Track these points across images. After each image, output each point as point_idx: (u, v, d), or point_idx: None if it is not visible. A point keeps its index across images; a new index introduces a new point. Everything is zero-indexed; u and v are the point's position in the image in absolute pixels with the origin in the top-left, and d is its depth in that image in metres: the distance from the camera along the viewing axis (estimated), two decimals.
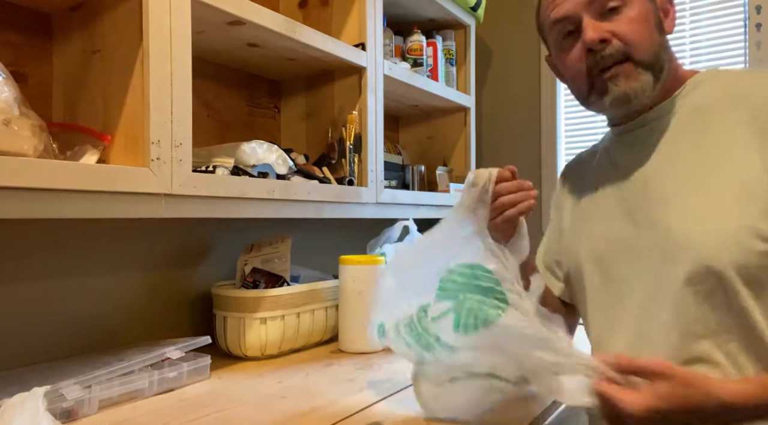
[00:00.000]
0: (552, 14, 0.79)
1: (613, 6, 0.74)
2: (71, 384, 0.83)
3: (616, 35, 0.74)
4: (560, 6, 0.78)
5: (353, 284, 1.24)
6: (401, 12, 1.71)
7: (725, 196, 0.69)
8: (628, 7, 0.75)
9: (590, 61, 0.76)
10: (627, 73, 0.75)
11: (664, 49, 0.78)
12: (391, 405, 0.89)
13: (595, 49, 0.74)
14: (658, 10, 0.78)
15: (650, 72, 0.75)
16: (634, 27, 0.74)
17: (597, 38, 0.73)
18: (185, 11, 0.90)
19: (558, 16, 0.78)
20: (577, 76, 0.79)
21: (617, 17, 0.74)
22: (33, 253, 1.01)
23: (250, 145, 1.09)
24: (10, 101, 0.74)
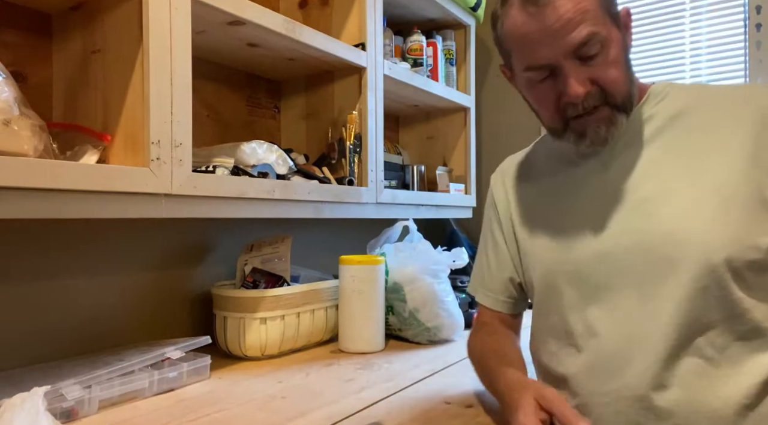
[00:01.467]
0: (529, 60, 0.74)
1: (593, 53, 0.71)
2: (71, 384, 0.83)
3: (596, 82, 0.72)
4: (539, 54, 0.72)
5: (353, 284, 1.24)
6: (401, 12, 1.71)
7: (709, 193, 0.71)
8: (606, 51, 0.72)
9: (567, 109, 0.74)
10: (605, 118, 0.74)
11: (633, 81, 0.77)
12: (391, 405, 0.89)
13: (576, 102, 0.73)
14: (626, 37, 0.76)
15: (623, 112, 0.75)
16: (612, 72, 0.72)
17: (581, 94, 0.71)
18: (185, 11, 0.90)
19: (536, 65, 0.73)
20: (551, 117, 0.78)
21: (596, 62, 0.72)
22: (33, 253, 1.01)
23: (250, 145, 1.09)
24: (10, 101, 0.74)
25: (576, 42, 0.69)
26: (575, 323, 0.80)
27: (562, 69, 0.72)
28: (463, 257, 1.41)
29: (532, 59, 0.73)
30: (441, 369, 1.10)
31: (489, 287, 0.96)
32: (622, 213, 0.77)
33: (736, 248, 0.69)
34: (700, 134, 0.75)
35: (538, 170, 0.92)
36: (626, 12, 0.77)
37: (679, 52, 1.78)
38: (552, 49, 0.71)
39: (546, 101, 0.77)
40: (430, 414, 0.85)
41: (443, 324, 1.30)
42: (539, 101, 0.79)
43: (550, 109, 0.77)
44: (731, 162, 0.72)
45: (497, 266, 0.95)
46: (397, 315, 1.33)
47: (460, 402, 0.91)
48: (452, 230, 2.04)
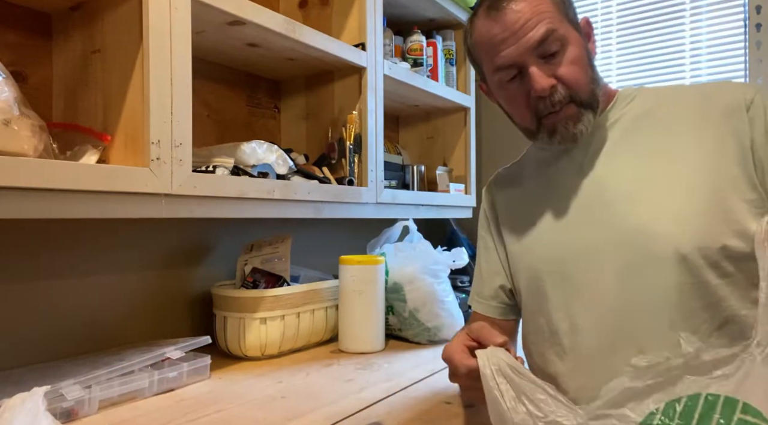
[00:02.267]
0: (496, 61, 0.79)
1: (554, 51, 0.77)
2: (71, 384, 0.83)
3: (560, 80, 0.77)
4: (504, 53, 0.78)
5: (353, 284, 1.24)
6: (401, 12, 1.71)
7: (677, 187, 0.75)
8: (566, 50, 0.77)
9: (538, 105, 0.79)
10: (572, 115, 0.78)
11: (596, 82, 0.81)
12: (391, 405, 0.89)
13: (544, 96, 0.77)
14: (586, 42, 0.81)
15: (590, 110, 0.80)
16: (573, 70, 0.77)
17: (547, 87, 0.76)
18: (185, 11, 0.90)
19: (503, 64, 0.78)
20: (523, 116, 0.83)
21: (557, 60, 0.77)
22: (33, 253, 1.01)
23: (250, 145, 1.09)
24: (10, 101, 0.74)
25: (536, 39, 0.75)
26: (560, 321, 0.81)
27: (527, 67, 0.77)
28: (463, 257, 1.41)
29: (498, 60, 0.79)
30: (441, 369, 1.10)
31: (481, 294, 0.97)
32: (597, 212, 0.80)
33: (707, 238, 0.71)
34: (666, 131, 0.79)
35: (524, 176, 0.95)
36: (586, 21, 0.83)
37: (679, 52, 1.78)
38: (515, 47, 0.77)
39: (517, 100, 0.81)
40: (430, 414, 0.85)
41: (443, 324, 1.30)
42: (510, 102, 0.83)
43: (522, 107, 0.81)
44: (697, 156, 0.75)
45: (488, 272, 0.97)
46: (397, 315, 1.33)
47: (460, 402, 0.91)
48: (452, 230, 2.04)
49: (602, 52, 1.93)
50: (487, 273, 0.97)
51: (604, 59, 1.92)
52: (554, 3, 0.78)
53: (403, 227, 1.48)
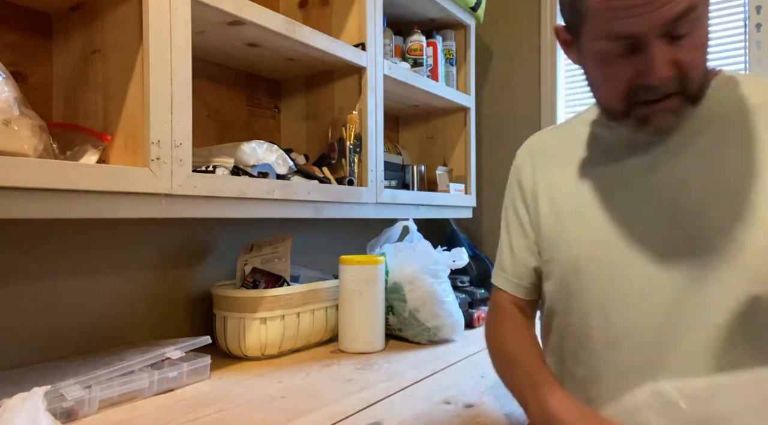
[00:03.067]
0: (614, 28, 0.64)
1: (685, 32, 0.64)
2: (71, 384, 0.83)
3: (680, 67, 0.65)
4: (627, 21, 0.62)
5: (353, 284, 1.24)
6: (401, 12, 1.71)
7: (764, 206, 0.65)
8: (696, 31, 0.65)
9: (640, 91, 0.66)
10: (675, 107, 0.67)
11: (707, 68, 0.70)
12: (391, 405, 0.89)
13: (656, 85, 0.65)
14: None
15: (693, 104, 0.68)
16: (697, 58, 0.66)
17: (667, 77, 0.64)
18: (185, 11, 0.90)
19: (621, 33, 0.63)
20: (615, 96, 0.69)
21: (684, 43, 0.64)
22: (33, 253, 1.01)
23: (250, 145, 1.09)
24: (10, 101, 0.74)
25: (673, 15, 0.61)
26: (595, 327, 0.74)
27: (648, 46, 0.63)
28: (463, 257, 1.41)
29: (617, 28, 0.63)
30: (441, 369, 1.10)
31: (510, 271, 0.88)
32: (666, 221, 0.70)
33: None
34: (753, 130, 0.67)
35: (575, 156, 0.83)
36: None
37: None
38: (644, 19, 0.61)
39: (617, 79, 0.67)
40: (430, 414, 0.85)
41: (443, 324, 1.30)
42: (608, 77, 0.69)
43: (619, 88, 0.67)
44: None
45: (520, 248, 0.87)
46: (398, 315, 1.33)
47: (460, 402, 0.91)
48: (452, 230, 2.04)
49: None
50: (519, 249, 0.87)
51: None
52: None
53: (403, 228, 1.48)
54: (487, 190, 2.16)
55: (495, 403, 0.90)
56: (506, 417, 0.85)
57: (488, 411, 0.87)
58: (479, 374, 1.07)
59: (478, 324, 1.50)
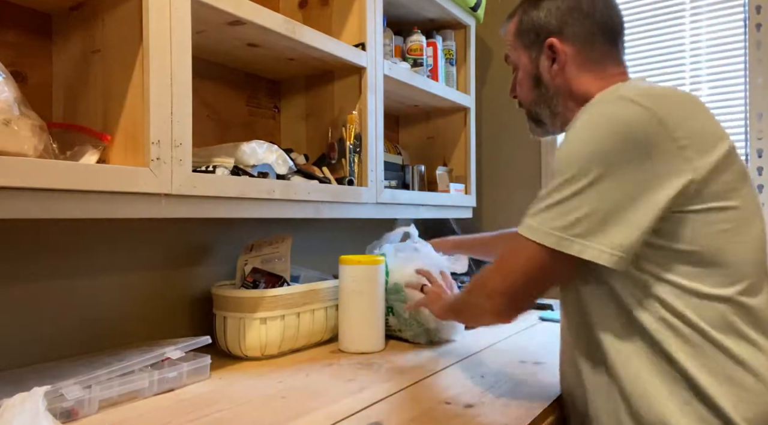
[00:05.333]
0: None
1: (513, 70, 0.99)
2: (71, 384, 0.83)
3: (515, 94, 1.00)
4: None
5: (353, 284, 1.24)
6: (401, 12, 1.71)
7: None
8: (517, 72, 0.97)
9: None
10: (526, 116, 1.00)
11: (539, 103, 0.94)
12: (391, 405, 0.89)
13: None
14: (537, 66, 0.93)
15: (530, 120, 0.99)
16: (519, 90, 0.98)
17: (510, 94, 1.02)
18: (185, 11, 0.90)
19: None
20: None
21: (515, 78, 0.99)
22: (32, 253, 1.01)
23: (250, 145, 1.09)
24: (10, 101, 0.74)
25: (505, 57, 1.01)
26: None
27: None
28: (463, 263, 1.41)
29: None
30: (441, 369, 1.10)
31: (622, 246, 0.74)
32: None
33: None
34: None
35: None
36: (548, 45, 0.90)
37: (679, 52, 1.78)
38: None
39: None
40: (430, 414, 0.85)
41: (443, 325, 1.30)
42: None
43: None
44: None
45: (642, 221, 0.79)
46: (398, 316, 1.33)
47: (460, 402, 0.91)
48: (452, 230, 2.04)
49: None
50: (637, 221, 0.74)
51: None
52: (516, 29, 0.95)
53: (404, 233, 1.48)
54: (487, 190, 2.16)
55: (495, 403, 0.90)
56: (506, 417, 0.85)
57: (488, 411, 0.87)
58: (479, 374, 1.07)
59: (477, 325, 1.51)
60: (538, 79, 0.93)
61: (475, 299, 0.88)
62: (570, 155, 0.74)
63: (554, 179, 0.76)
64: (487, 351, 1.25)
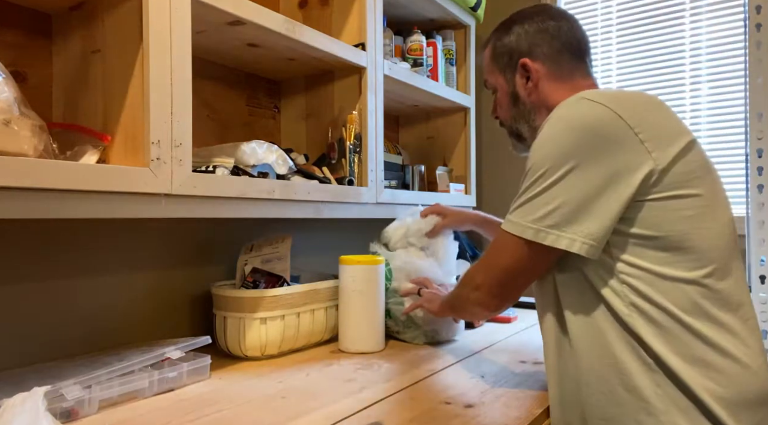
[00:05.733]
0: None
1: (493, 93, 1.06)
2: (71, 384, 0.83)
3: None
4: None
5: (353, 284, 1.24)
6: (401, 12, 1.71)
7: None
8: (496, 94, 1.05)
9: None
10: (508, 134, 1.07)
11: (518, 118, 1.01)
12: (391, 405, 0.89)
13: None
14: (513, 85, 1.00)
15: (511, 136, 1.06)
16: (498, 110, 1.05)
17: (492, 114, 1.09)
18: (185, 11, 0.90)
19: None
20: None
21: (495, 99, 1.06)
22: (32, 253, 1.01)
23: (250, 145, 1.09)
24: (10, 101, 0.74)
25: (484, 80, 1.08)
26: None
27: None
28: (461, 269, 1.41)
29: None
30: (441, 369, 1.10)
31: (594, 236, 0.78)
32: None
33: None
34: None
35: None
36: (521, 65, 0.98)
37: (679, 53, 1.78)
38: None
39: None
40: (430, 414, 0.85)
41: (441, 327, 1.30)
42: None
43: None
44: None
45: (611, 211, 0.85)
46: (395, 319, 1.33)
47: (460, 402, 0.91)
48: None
49: (602, 53, 1.93)
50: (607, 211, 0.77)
51: (604, 60, 1.93)
52: (490, 55, 1.03)
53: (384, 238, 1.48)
54: (487, 190, 2.16)
55: (495, 403, 0.90)
56: (506, 417, 0.85)
57: (488, 411, 0.87)
58: (479, 374, 1.07)
59: (478, 324, 1.51)
60: (516, 96, 1.00)
61: (465, 292, 0.94)
62: (540, 155, 0.80)
63: (528, 178, 0.81)
64: (487, 351, 1.25)
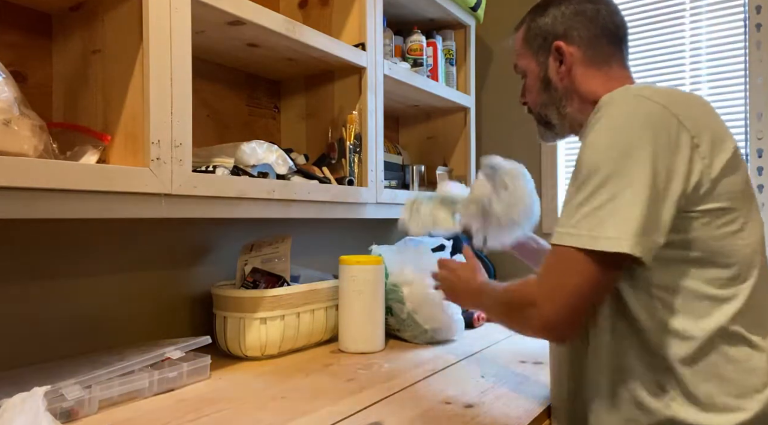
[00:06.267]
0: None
1: (522, 76, 1.02)
2: (71, 384, 0.83)
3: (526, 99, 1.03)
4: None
5: (353, 284, 1.24)
6: (401, 12, 1.71)
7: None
8: (526, 79, 1.01)
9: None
10: (535, 121, 1.03)
11: (548, 105, 0.97)
12: (391, 405, 0.89)
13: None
14: (546, 69, 0.96)
15: (542, 126, 1.01)
16: (528, 96, 1.01)
17: (521, 100, 1.05)
18: (185, 11, 0.90)
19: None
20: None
21: (524, 85, 1.02)
22: (33, 253, 1.01)
23: (250, 145, 1.09)
24: (10, 101, 0.74)
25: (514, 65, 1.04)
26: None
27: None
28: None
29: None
30: (441, 369, 1.10)
31: (653, 238, 0.73)
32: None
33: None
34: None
35: None
36: (555, 48, 0.93)
37: (679, 52, 1.78)
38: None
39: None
40: (430, 414, 0.85)
41: (441, 326, 1.30)
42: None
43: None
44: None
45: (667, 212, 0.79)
46: (396, 316, 1.33)
47: (460, 402, 0.91)
48: None
49: None
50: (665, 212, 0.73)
51: None
52: (523, 37, 0.99)
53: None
54: None
55: (495, 403, 0.90)
56: (506, 417, 0.85)
57: (488, 411, 0.87)
58: (479, 374, 1.07)
59: (477, 324, 1.51)
60: (547, 81, 0.96)
61: (524, 314, 0.78)
62: (598, 158, 0.73)
63: (583, 183, 0.73)
64: (487, 351, 1.25)
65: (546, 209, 1.99)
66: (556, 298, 0.73)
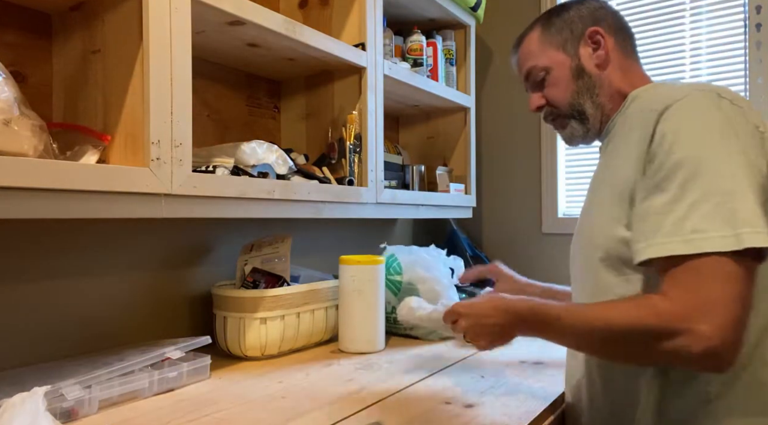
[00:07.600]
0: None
1: (540, 79, 0.96)
2: (71, 384, 0.83)
3: (547, 100, 0.96)
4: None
5: (353, 284, 1.24)
6: (401, 12, 1.71)
7: (608, 196, 0.82)
8: (549, 75, 0.95)
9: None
10: (559, 124, 0.97)
11: (582, 93, 0.93)
12: (391, 405, 0.89)
13: (538, 113, 1.00)
14: (578, 58, 0.93)
15: (572, 118, 0.95)
16: (551, 92, 0.95)
17: (534, 108, 0.99)
18: (185, 11, 0.90)
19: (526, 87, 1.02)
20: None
21: (544, 85, 0.96)
22: (33, 253, 1.01)
23: (250, 145, 1.09)
24: (10, 101, 0.74)
25: (523, 74, 1.00)
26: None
27: (528, 90, 1.01)
28: (459, 266, 1.42)
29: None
30: (441, 369, 1.10)
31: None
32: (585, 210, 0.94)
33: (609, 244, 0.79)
34: (623, 138, 0.84)
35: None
36: (589, 33, 0.93)
37: (679, 52, 1.78)
38: (520, 76, 1.02)
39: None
40: (430, 414, 0.85)
41: None
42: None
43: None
44: (626, 165, 0.79)
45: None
46: None
47: (460, 402, 0.91)
48: (452, 230, 2.04)
49: None
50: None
51: None
52: (541, 36, 0.96)
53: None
54: (487, 190, 2.16)
55: (495, 403, 0.90)
56: (506, 417, 0.85)
57: (488, 411, 0.87)
58: (479, 374, 1.07)
59: None
60: (580, 69, 0.93)
61: (670, 345, 0.66)
62: (692, 153, 0.69)
63: (671, 183, 0.69)
64: None
65: (546, 209, 1.99)
66: (715, 316, 0.63)
